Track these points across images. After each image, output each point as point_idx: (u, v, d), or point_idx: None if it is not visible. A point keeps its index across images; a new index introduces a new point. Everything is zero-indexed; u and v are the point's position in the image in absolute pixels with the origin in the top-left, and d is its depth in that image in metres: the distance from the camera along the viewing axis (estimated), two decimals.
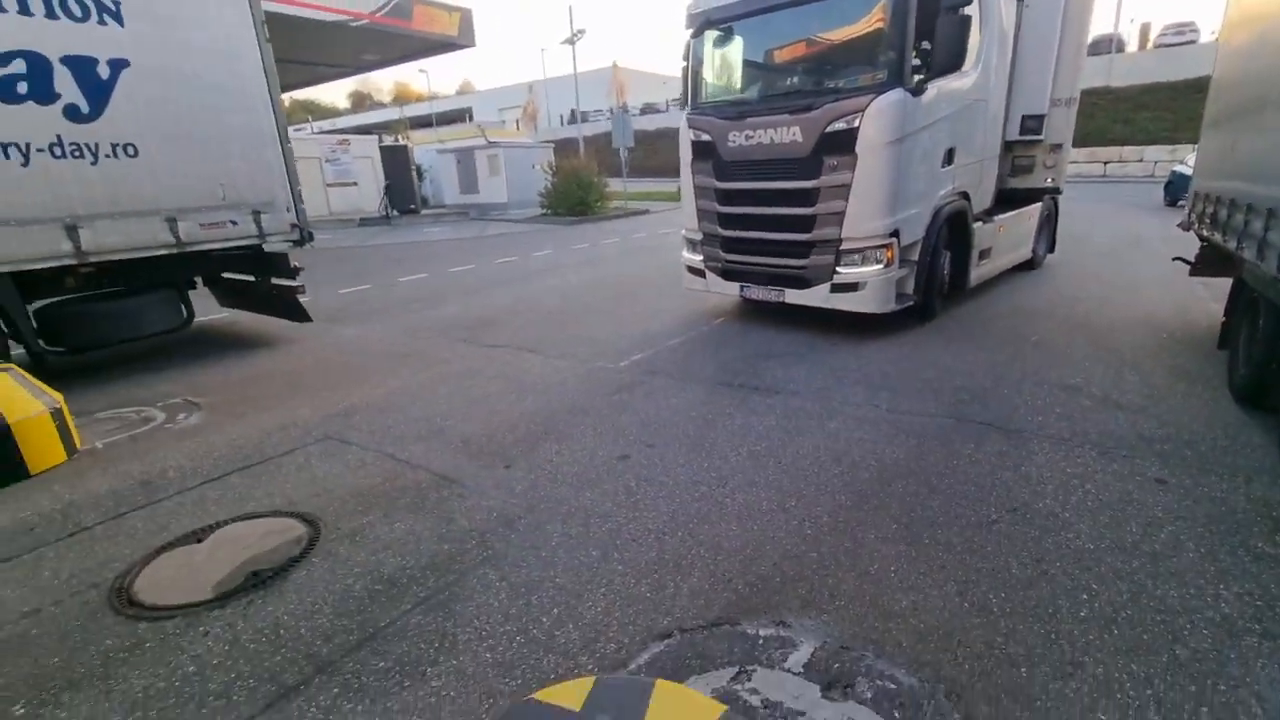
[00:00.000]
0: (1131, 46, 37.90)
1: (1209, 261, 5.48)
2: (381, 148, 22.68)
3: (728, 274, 6.48)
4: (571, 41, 29.03)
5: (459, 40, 15.95)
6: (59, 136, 5.15)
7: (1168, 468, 3.31)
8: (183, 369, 6.08)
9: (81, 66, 5.19)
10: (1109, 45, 35.49)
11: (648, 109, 48.45)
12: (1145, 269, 8.26)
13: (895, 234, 5.51)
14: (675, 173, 7.41)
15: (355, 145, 22.46)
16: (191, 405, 5.05)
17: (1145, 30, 39.90)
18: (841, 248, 5.59)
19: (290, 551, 2.91)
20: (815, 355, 5.50)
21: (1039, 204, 8.20)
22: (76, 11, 5.12)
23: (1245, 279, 4.30)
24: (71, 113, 5.19)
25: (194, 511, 3.37)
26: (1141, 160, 25.64)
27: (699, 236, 6.63)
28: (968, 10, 5.37)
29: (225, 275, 7.19)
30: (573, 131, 46.35)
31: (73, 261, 5.34)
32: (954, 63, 5.39)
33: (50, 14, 5.00)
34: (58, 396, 4.16)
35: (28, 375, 4.19)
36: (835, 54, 5.78)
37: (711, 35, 6.38)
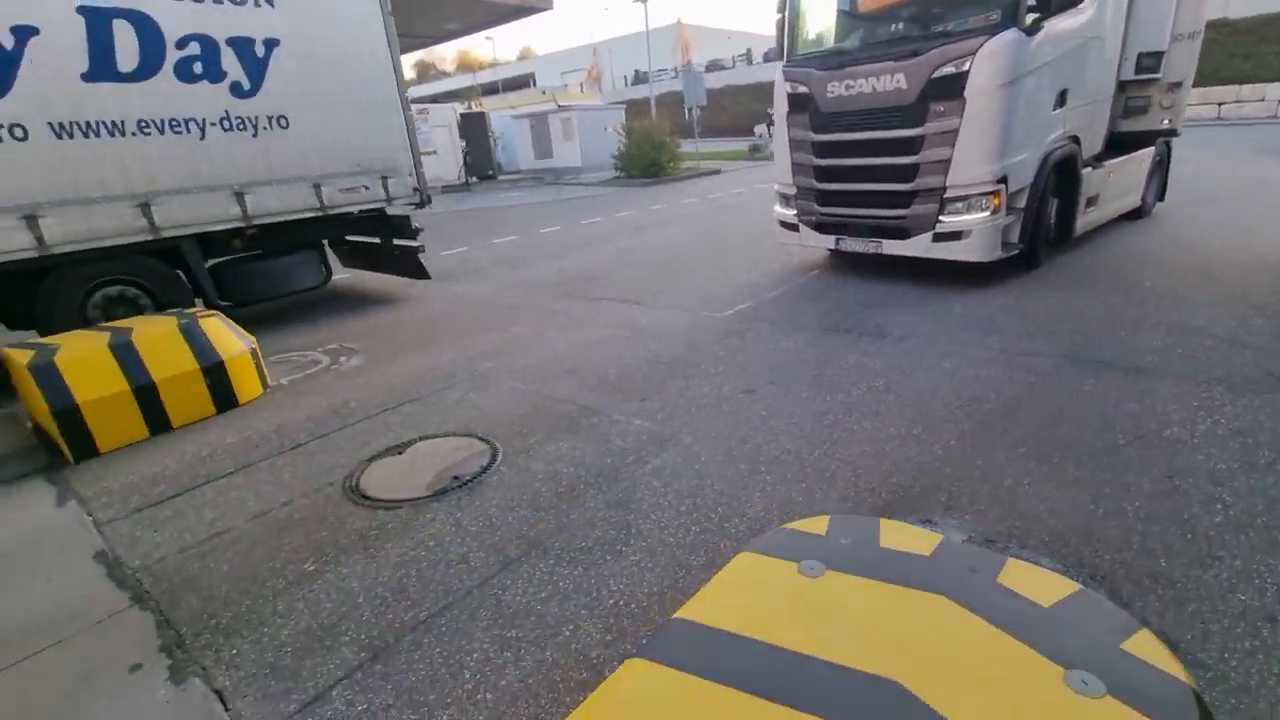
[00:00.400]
0: None
1: None
2: (461, 115, 23.30)
3: (822, 227, 6.54)
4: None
5: (538, 4, 16.17)
6: (227, 112, 5.79)
7: None
8: (328, 321, 6.80)
9: (242, 47, 5.79)
10: None
11: (713, 65, 47.20)
12: (1273, 217, 7.80)
13: (1003, 180, 5.42)
14: (745, 131, 7.59)
15: (434, 114, 23.17)
16: (348, 350, 5.71)
17: None
18: (946, 196, 5.55)
19: (480, 462, 3.42)
20: (919, 302, 5.62)
21: (1151, 148, 7.75)
22: None
23: None
24: (236, 90, 5.81)
25: (384, 433, 3.95)
26: (1264, 100, 23.33)
27: (792, 191, 6.68)
28: None
29: (349, 238, 7.86)
30: (637, 92, 45.94)
31: (240, 224, 6.05)
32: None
33: (217, 0, 5.59)
34: (252, 339, 4.83)
35: (229, 320, 4.87)
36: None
37: None
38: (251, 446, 3.91)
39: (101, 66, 5.07)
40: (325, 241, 7.82)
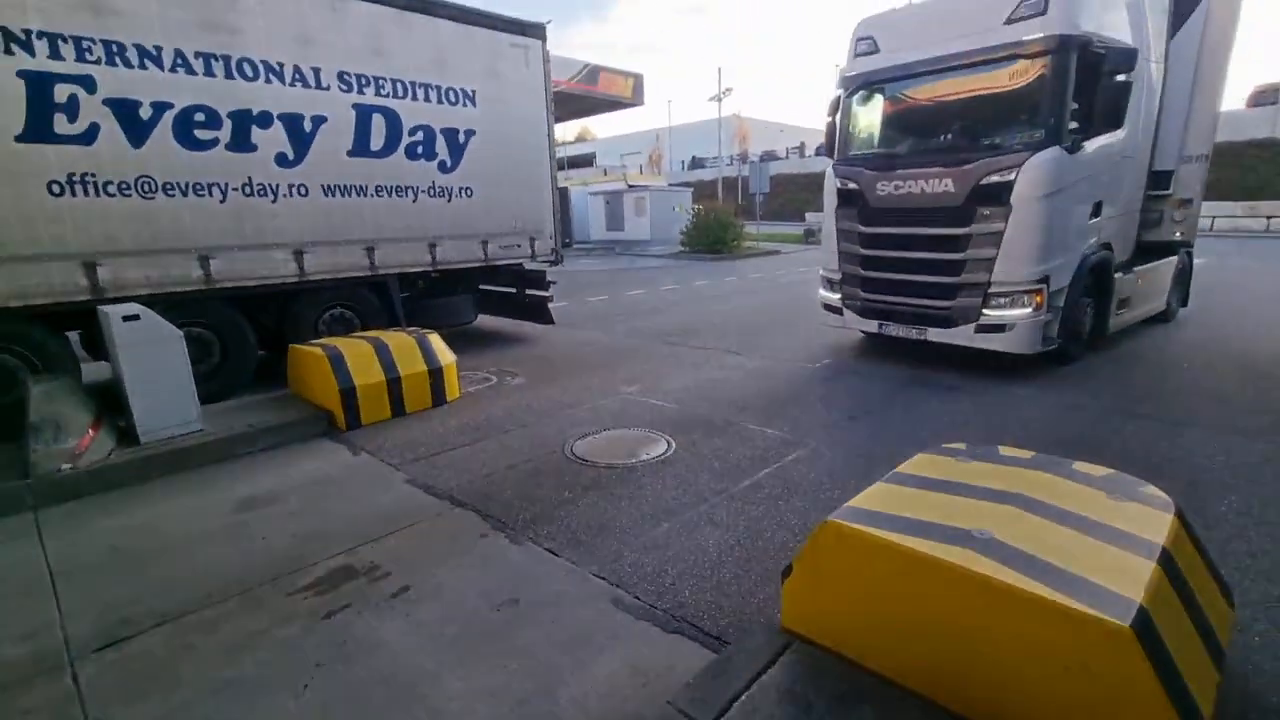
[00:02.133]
0: None
1: None
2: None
3: (865, 312, 6.98)
4: (719, 98, 31.80)
5: (631, 100, 18.48)
6: (433, 183, 7.46)
7: None
8: (482, 352, 8.22)
9: (451, 136, 7.52)
10: (1273, 95, 33.40)
11: (767, 156, 50.23)
12: None
13: (1045, 280, 5.83)
14: (796, 216, 8.59)
15: None
16: (510, 373, 7.06)
17: None
18: (990, 291, 5.96)
19: (661, 447, 4.61)
20: (981, 374, 6.70)
21: (1175, 257, 8.44)
22: (452, 99, 7.47)
23: None
24: (441, 167, 7.51)
25: (570, 426, 5.17)
26: None
27: (838, 276, 7.18)
28: (1124, 78, 5.75)
29: (483, 287, 9.35)
30: (694, 175, 49.26)
31: (429, 269, 7.61)
32: (1112, 125, 5.98)
33: (439, 101, 7.36)
34: (452, 354, 6.21)
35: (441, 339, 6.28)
36: (990, 113, 6.21)
37: (861, 94, 7.01)
38: (474, 428, 5.19)
39: (361, 146, 6.78)
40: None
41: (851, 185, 6.80)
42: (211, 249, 5.90)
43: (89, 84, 5.17)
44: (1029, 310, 5.89)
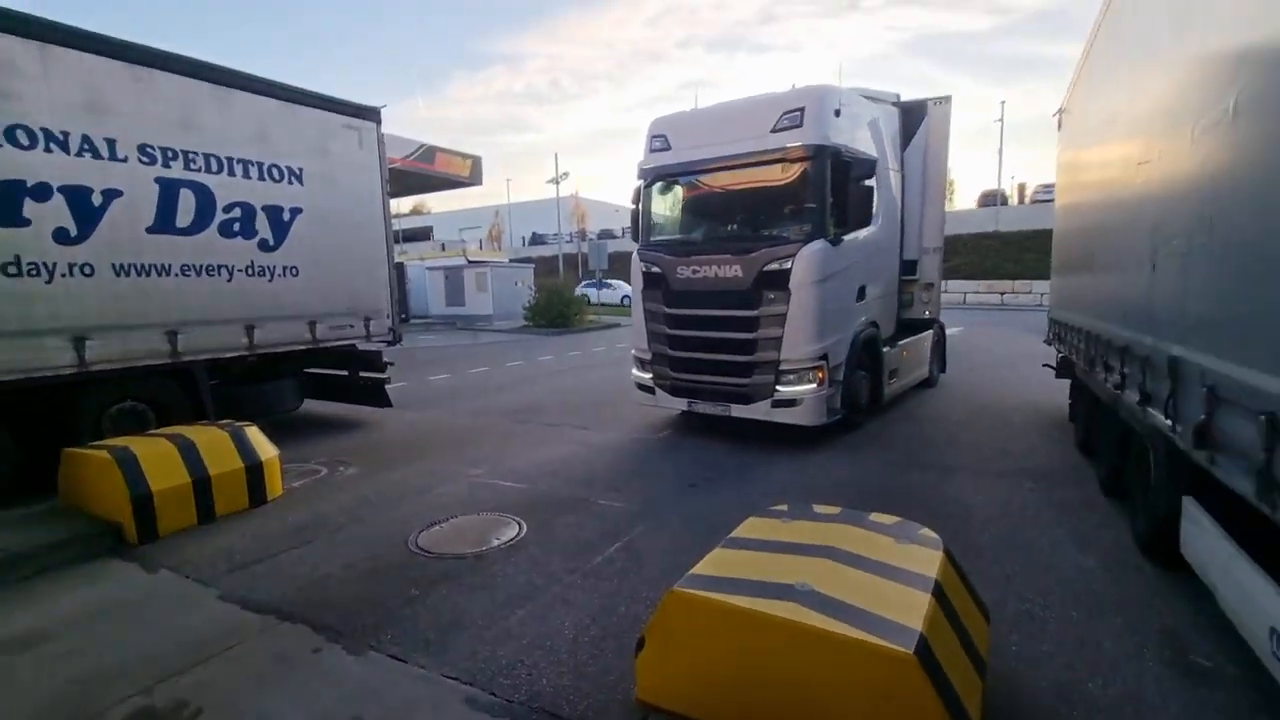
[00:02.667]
0: (1014, 200, 45.48)
1: (1065, 367, 7.98)
2: None
3: (676, 390, 7.22)
4: (556, 181, 33.33)
5: (468, 180, 18.71)
6: (252, 262, 6.95)
7: (1033, 480, 5.42)
8: (308, 440, 7.54)
9: (274, 213, 7.12)
10: (995, 199, 42.50)
11: (604, 235, 52.98)
12: (1031, 379, 10.93)
13: (825, 356, 6.44)
14: None
15: None
16: (343, 462, 6.56)
17: (1022, 188, 48.12)
18: (780, 368, 6.44)
19: (513, 530, 4.55)
20: (795, 439, 7.52)
21: (930, 331, 9.71)
22: (276, 175, 7.13)
23: (1079, 376, 6.71)
24: (263, 245, 7.03)
25: (413, 517, 4.92)
26: (1030, 292, 30.50)
27: (649, 356, 7.40)
28: (869, 182, 6.84)
29: (310, 370, 8.68)
30: (534, 251, 50.36)
31: (246, 353, 6.95)
32: (864, 220, 6.83)
33: (261, 177, 6.98)
34: (273, 447, 5.67)
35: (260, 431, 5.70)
36: (769, 207, 6.99)
37: (659, 185, 7.61)
38: (302, 528, 4.74)
39: (164, 222, 6.17)
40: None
41: (655, 269, 7.16)
42: None
43: None
44: (814, 385, 6.42)
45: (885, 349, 7.86)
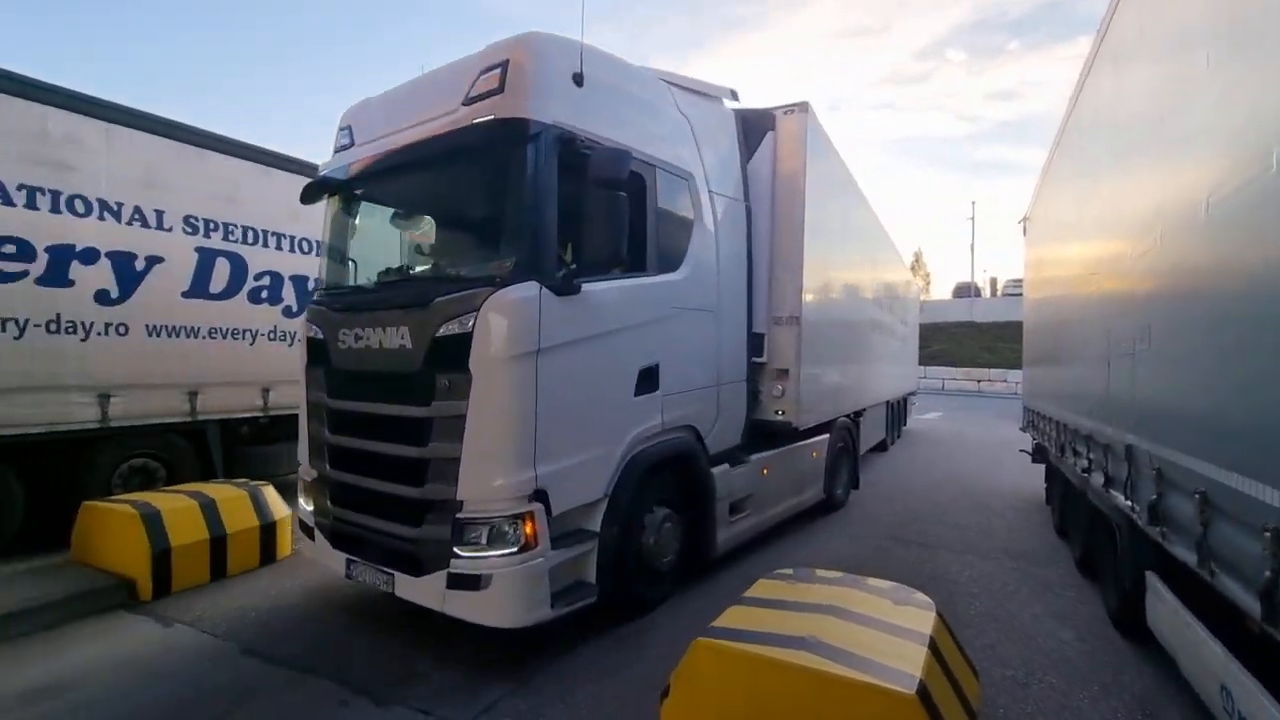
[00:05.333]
0: (986, 293, 47.90)
1: (1039, 451, 8.42)
2: None
3: (336, 537, 4.22)
4: None
5: None
6: (275, 326, 7.30)
7: (1017, 561, 5.72)
8: None
9: (300, 283, 7.53)
10: (969, 291, 44.73)
11: None
12: (1010, 458, 11.39)
13: (541, 496, 3.56)
14: None
15: None
16: None
17: (994, 281, 50.91)
18: (460, 515, 3.51)
19: None
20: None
21: (824, 435, 6.91)
22: (305, 248, 7.59)
23: (1052, 462, 7.14)
24: (287, 312, 7.40)
25: None
26: (1006, 381, 31.57)
27: (311, 476, 4.49)
28: (673, 203, 4.60)
29: None
30: None
31: (259, 414, 7.17)
32: (612, 254, 3.70)
33: (291, 249, 7.44)
34: (287, 507, 5.81)
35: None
36: (459, 229, 4.81)
37: (339, 200, 4.79)
38: (314, 587, 4.85)
39: (199, 288, 6.55)
40: None
41: (317, 333, 4.43)
42: None
43: None
44: (512, 551, 3.46)
45: (721, 468, 5.10)
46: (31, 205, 5.40)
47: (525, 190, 3.65)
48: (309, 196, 4.81)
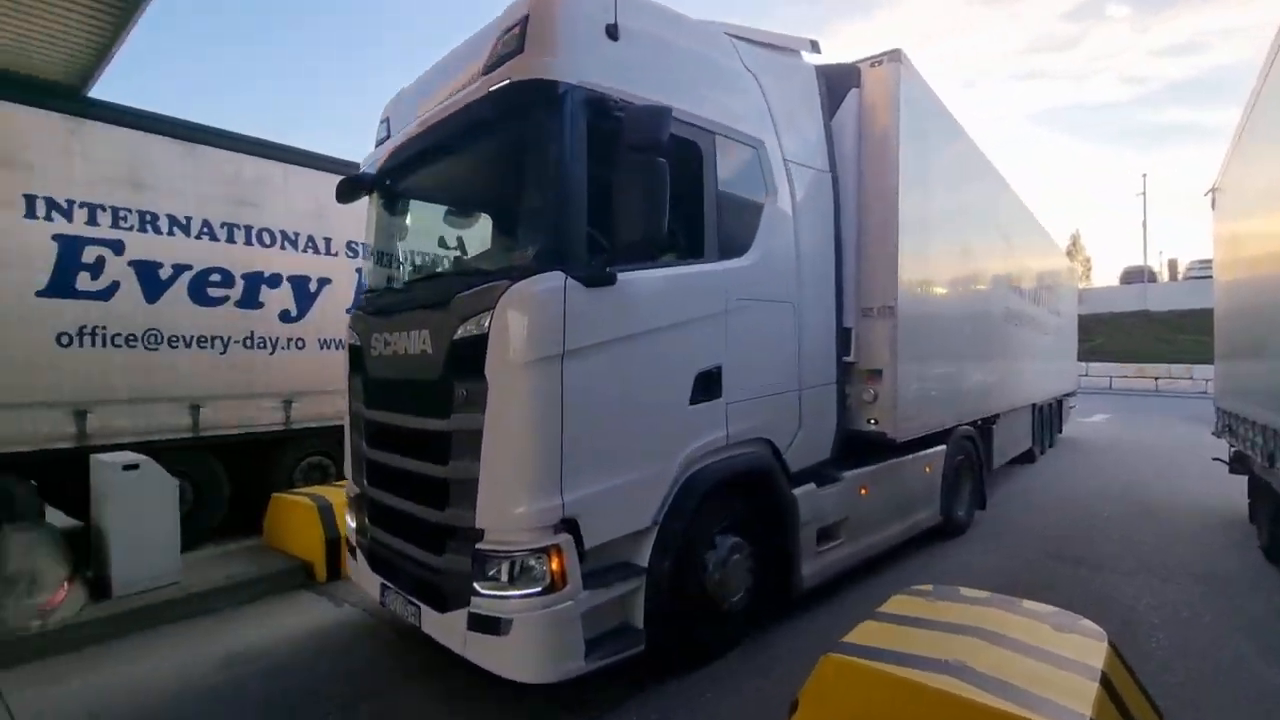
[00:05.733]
0: (1163, 277, 41.72)
1: (1240, 460, 7.18)
2: None
3: (373, 559, 3.98)
4: None
5: None
6: None
7: (1208, 586, 4.93)
8: None
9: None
10: (1140, 276, 39.24)
11: None
12: (1195, 473, 9.83)
13: (570, 525, 3.06)
14: None
15: None
16: None
17: (1173, 264, 44.05)
18: (479, 545, 3.07)
19: None
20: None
21: (940, 447, 6.01)
22: None
23: (1259, 474, 6.06)
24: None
25: None
26: (1191, 379, 27.34)
27: (354, 492, 4.29)
28: (729, 175, 3.85)
29: None
30: None
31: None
32: (653, 235, 3.07)
33: None
34: None
35: None
36: (486, 216, 4.48)
37: (373, 200, 4.47)
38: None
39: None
40: None
41: (356, 340, 4.19)
42: (202, 398, 6.10)
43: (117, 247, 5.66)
44: (535, 591, 2.98)
45: (805, 488, 4.39)
46: (230, 240, 6.35)
47: (548, 164, 3.13)
48: (343, 195, 4.46)
